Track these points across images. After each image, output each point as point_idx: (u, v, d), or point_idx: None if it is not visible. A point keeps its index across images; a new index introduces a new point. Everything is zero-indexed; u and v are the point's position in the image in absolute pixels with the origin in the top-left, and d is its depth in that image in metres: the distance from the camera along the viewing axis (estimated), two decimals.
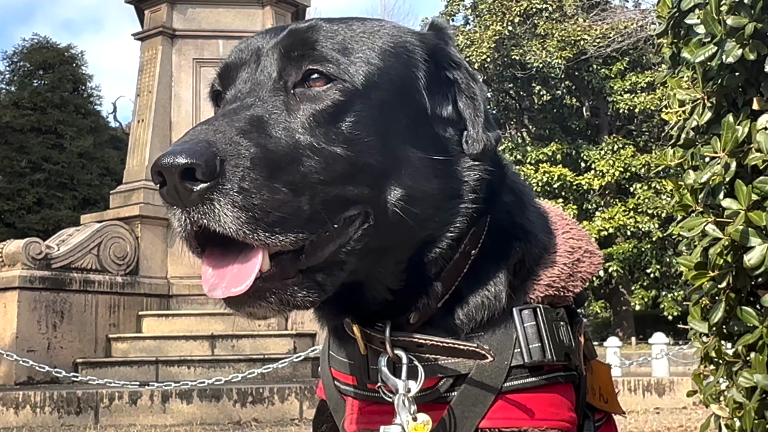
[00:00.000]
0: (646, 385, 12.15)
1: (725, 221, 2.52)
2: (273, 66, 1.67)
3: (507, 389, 1.72)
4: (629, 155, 36.92)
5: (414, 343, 1.71)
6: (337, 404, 1.90)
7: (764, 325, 2.50)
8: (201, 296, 13.80)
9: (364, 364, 1.79)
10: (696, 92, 2.66)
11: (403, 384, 1.69)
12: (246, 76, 1.69)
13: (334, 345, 1.91)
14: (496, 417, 1.71)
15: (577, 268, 1.87)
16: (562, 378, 1.79)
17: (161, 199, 1.52)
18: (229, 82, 1.73)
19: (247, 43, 1.77)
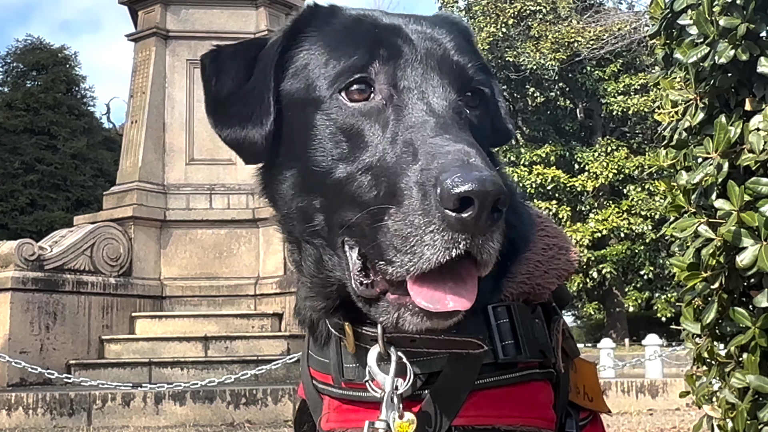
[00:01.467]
0: (639, 387, 12.16)
1: (718, 222, 2.52)
2: (443, 83, 1.68)
3: (480, 386, 1.71)
4: (623, 157, 36.98)
5: (406, 338, 1.70)
6: (315, 403, 1.90)
7: (757, 325, 2.50)
8: (194, 297, 13.80)
9: (339, 362, 1.79)
10: (689, 93, 2.66)
11: (391, 381, 1.68)
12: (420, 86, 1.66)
13: (313, 344, 1.91)
14: (469, 414, 1.70)
15: (551, 265, 1.86)
16: (538, 375, 1.78)
17: (437, 222, 1.46)
18: (392, 81, 1.67)
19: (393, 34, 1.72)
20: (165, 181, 14.29)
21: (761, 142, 2.41)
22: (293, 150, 1.74)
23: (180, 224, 14.04)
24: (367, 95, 1.66)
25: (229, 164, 14.43)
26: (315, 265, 1.75)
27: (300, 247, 1.80)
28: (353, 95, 1.66)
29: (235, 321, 13.38)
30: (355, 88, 1.66)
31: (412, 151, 1.54)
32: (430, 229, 1.45)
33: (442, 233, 1.45)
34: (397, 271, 1.50)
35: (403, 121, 1.60)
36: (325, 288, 1.75)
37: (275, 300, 13.64)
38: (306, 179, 1.70)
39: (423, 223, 1.46)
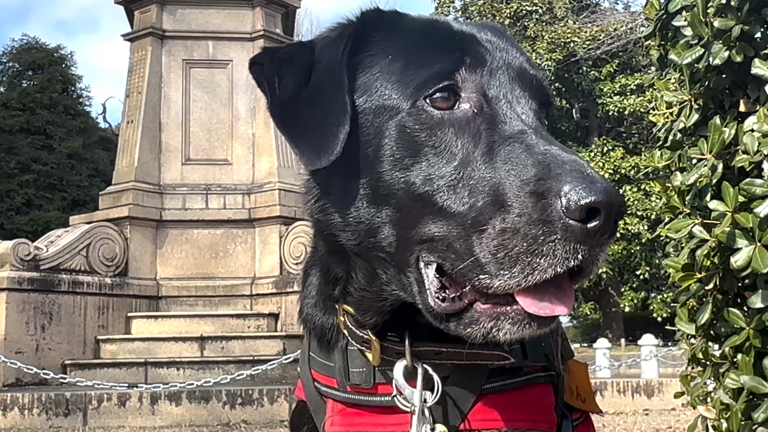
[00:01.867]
0: (635, 387, 12.17)
1: (712, 223, 2.53)
2: (530, 103, 1.65)
3: (486, 391, 1.72)
4: (619, 157, 37.02)
5: (432, 351, 1.69)
6: (317, 405, 1.89)
7: (751, 326, 2.50)
8: (190, 297, 13.79)
9: (345, 366, 1.79)
10: (683, 94, 2.67)
11: (419, 394, 1.68)
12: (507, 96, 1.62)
13: (315, 347, 1.90)
14: (475, 419, 1.71)
15: None
16: (541, 379, 1.79)
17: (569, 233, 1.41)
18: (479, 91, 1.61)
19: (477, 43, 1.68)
20: (161, 181, 14.28)
21: (755, 144, 2.42)
22: (361, 159, 1.65)
23: (176, 224, 14.02)
24: (452, 104, 1.60)
25: (225, 164, 14.43)
26: (366, 279, 1.69)
27: (347, 259, 1.72)
28: (437, 103, 1.59)
29: (231, 321, 13.37)
30: (439, 96, 1.59)
31: (519, 161, 1.48)
32: (551, 239, 1.41)
33: (564, 243, 1.41)
34: (505, 283, 1.45)
35: (498, 130, 1.55)
36: (377, 303, 1.70)
37: (271, 300, 13.63)
38: (377, 190, 1.61)
39: (542, 232, 1.41)
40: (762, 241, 2.36)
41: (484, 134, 1.56)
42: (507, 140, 1.53)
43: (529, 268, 1.43)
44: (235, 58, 14.78)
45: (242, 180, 14.42)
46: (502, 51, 1.69)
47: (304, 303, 1.93)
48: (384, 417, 1.75)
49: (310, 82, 1.69)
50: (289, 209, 13.82)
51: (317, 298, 1.88)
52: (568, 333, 49.12)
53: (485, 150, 1.53)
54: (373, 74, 1.68)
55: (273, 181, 14.14)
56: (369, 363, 1.75)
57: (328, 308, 1.84)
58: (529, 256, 1.42)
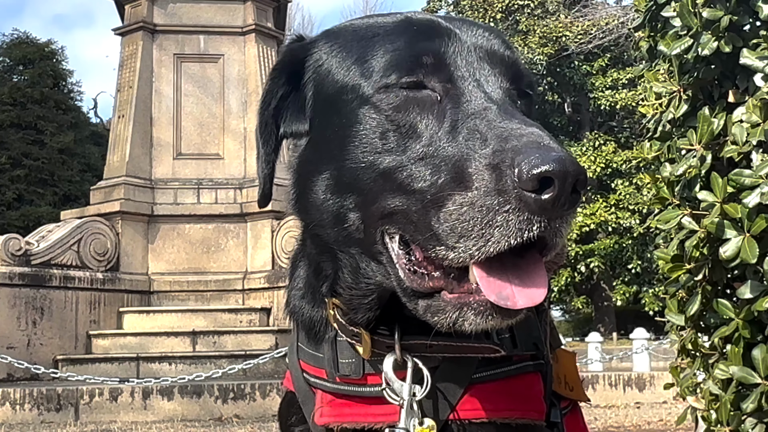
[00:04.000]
0: (626, 380, 12.21)
1: (701, 213, 2.53)
2: (501, 81, 1.65)
3: (476, 380, 1.71)
4: (610, 151, 37.08)
5: (423, 344, 1.69)
6: (305, 396, 1.89)
7: (740, 317, 2.51)
8: (182, 292, 13.77)
9: (334, 357, 1.78)
10: (672, 85, 2.67)
11: (408, 388, 1.68)
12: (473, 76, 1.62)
13: (303, 338, 1.89)
14: (466, 408, 1.70)
15: None
16: (530, 367, 1.78)
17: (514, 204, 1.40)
18: (444, 73, 1.61)
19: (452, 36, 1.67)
20: (152, 176, 14.24)
21: (744, 134, 2.42)
22: (327, 153, 1.69)
23: (168, 219, 14.00)
24: (416, 85, 1.61)
25: (216, 159, 14.41)
26: (352, 276, 1.69)
27: (334, 258, 1.73)
28: (402, 87, 1.60)
29: (223, 316, 13.36)
30: (406, 80, 1.60)
31: (479, 136, 1.48)
32: (505, 209, 1.40)
33: (518, 214, 1.40)
34: (459, 256, 1.44)
35: (462, 108, 1.55)
36: (365, 299, 1.70)
37: (263, 295, 13.62)
38: (340, 179, 1.65)
39: (496, 203, 1.40)
40: (751, 231, 2.36)
41: (449, 113, 1.56)
42: (469, 117, 1.53)
43: (483, 240, 1.42)
44: (226, 53, 14.74)
45: (234, 174, 14.39)
46: (469, 32, 1.69)
47: (291, 295, 1.93)
48: (373, 407, 1.74)
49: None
50: (281, 204, 13.73)
51: (305, 290, 1.88)
52: (561, 327, 49.02)
53: (449, 129, 1.54)
54: (326, 74, 1.74)
55: None
56: (358, 354, 1.75)
57: (316, 301, 1.83)
58: (483, 228, 1.42)
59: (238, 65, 14.73)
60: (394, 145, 1.58)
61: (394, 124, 1.60)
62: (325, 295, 1.78)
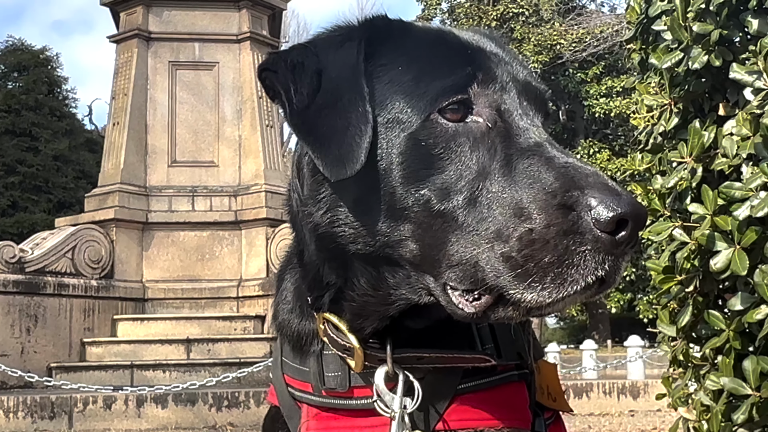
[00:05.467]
0: (620, 388, 12.22)
1: (692, 225, 2.55)
2: (540, 114, 1.65)
3: (462, 390, 1.72)
4: (605, 159, 37.17)
5: (414, 357, 1.70)
6: (290, 410, 1.89)
7: (731, 328, 2.52)
8: (176, 300, 13.76)
9: (320, 371, 1.78)
10: (663, 98, 2.69)
11: (399, 401, 1.68)
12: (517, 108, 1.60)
13: (288, 352, 1.89)
14: (451, 419, 1.72)
15: None
16: (515, 377, 1.80)
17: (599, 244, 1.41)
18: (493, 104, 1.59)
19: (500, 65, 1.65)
20: (147, 183, 14.24)
21: (734, 147, 2.44)
22: (374, 172, 1.58)
23: (162, 226, 13.99)
24: (464, 116, 1.56)
25: (211, 166, 14.41)
26: (371, 284, 1.64)
27: (346, 266, 1.67)
28: (448, 116, 1.55)
29: (218, 323, 13.35)
30: (452, 108, 1.56)
31: (539, 173, 1.47)
32: (582, 249, 1.41)
33: (594, 254, 1.41)
34: (537, 296, 1.43)
35: (514, 143, 1.53)
36: (381, 307, 1.66)
37: (258, 302, 13.62)
38: (392, 205, 1.56)
39: (573, 243, 1.41)
40: (741, 243, 2.38)
41: (500, 147, 1.53)
42: (525, 153, 1.51)
43: (560, 279, 1.42)
44: (221, 60, 14.76)
45: (228, 182, 14.40)
46: (508, 64, 1.67)
47: (279, 308, 1.92)
48: (360, 420, 1.75)
49: (321, 87, 1.62)
50: (275, 211, 13.81)
51: (293, 303, 1.87)
52: (556, 334, 49.03)
53: (503, 163, 1.51)
54: (384, 85, 1.62)
55: (259, 183, 14.13)
56: (344, 367, 1.75)
57: (305, 314, 1.83)
58: (560, 267, 1.42)
59: (233, 73, 14.75)
60: (444, 178, 1.53)
61: (443, 156, 1.54)
62: (319, 307, 1.75)
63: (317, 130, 1.61)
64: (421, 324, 1.70)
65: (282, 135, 39.18)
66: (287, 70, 1.65)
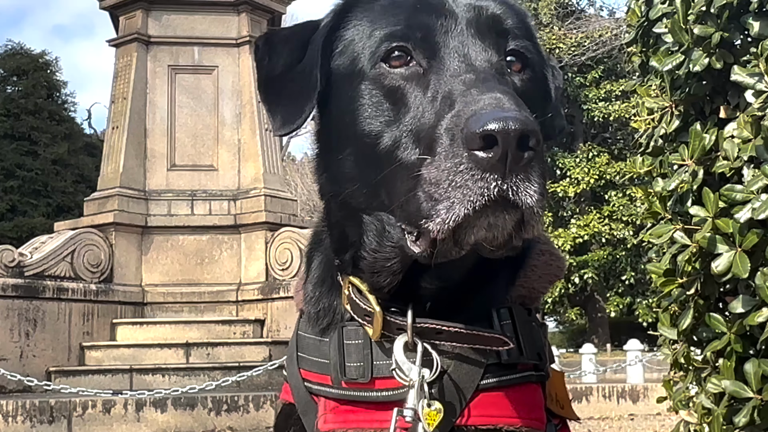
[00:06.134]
0: (620, 392, 12.20)
1: (693, 228, 2.55)
2: (483, 45, 1.70)
3: (484, 386, 1.73)
4: (604, 163, 37.15)
5: (433, 329, 1.72)
6: (306, 406, 1.88)
7: (732, 331, 2.52)
8: (176, 304, 13.74)
9: (341, 361, 1.79)
10: (664, 100, 2.69)
11: (418, 370, 1.70)
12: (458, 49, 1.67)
13: (306, 344, 1.90)
14: (473, 414, 1.72)
15: (545, 270, 1.89)
16: (533, 378, 1.81)
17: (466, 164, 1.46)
18: (430, 48, 1.69)
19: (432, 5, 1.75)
20: (146, 187, 14.22)
21: (735, 150, 2.44)
22: (347, 127, 1.74)
23: (161, 230, 13.97)
24: (406, 61, 1.69)
25: (210, 170, 14.40)
26: (377, 240, 1.73)
27: (360, 224, 1.76)
28: (393, 62, 1.69)
29: (217, 327, 13.32)
30: (396, 55, 1.69)
31: (449, 103, 1.55)
32: (460, 170, 1.46)
33: (472, 173, 1.45)
34: (436, 225, 1.49)
35: (442, 80, 1.62)
36: (389, 261, 1.73)
37: (257, 306, 13.60)
38: (362, 153, 1.71)
39: (453, 165, 1.47)
40: (742, 246, 2.38)
41: (431, 85, 1.63)
42: (446, 86, 1.60)
43: (450, 203, 1.48)
44: (220, 64, 14.75)
45: (228, 186, 14.39)
46: (472, 10, 1.75)
47: (307, 283, 1.96)
48: (379, 413, 1.75)
49: (303, 58, 1.82)
50: (275, 215, 13.79)
51: (322, 275, 1.91)
52: (555, 338, 48.98)
53: (430, 99, 1.62)
54: (349, 44, 1.79)
55: (259, 187, 14.12)
56: (366, 356, 1.76)
57: (332, 286, 1.87)
58: (448, 192, 1.48)
59: (232, 77, 14.74)
60: (392, 120, 1.67)
61: (388, 99, 1.69)
62: (345, 268, 1.81)
63: (278, 96, 1.85)
64: (432, 284, 1.73)
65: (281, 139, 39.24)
66: (267, 44, 1.89)
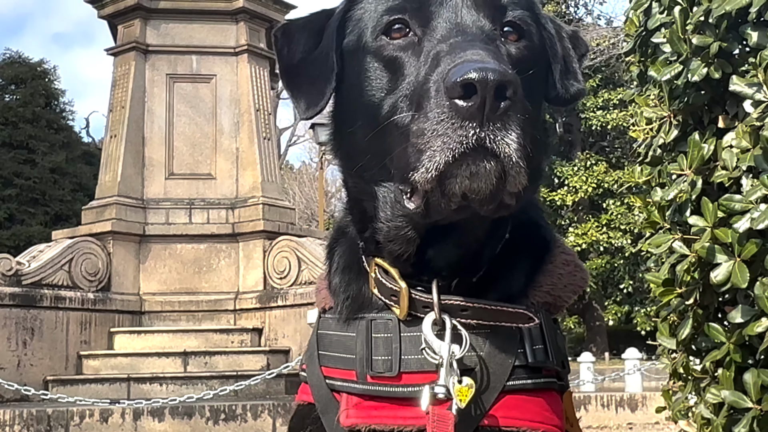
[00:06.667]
0: (618, 401, 12.18)
1: (692, 238, 2.55)
2: (477, 15, 1.76)
3: (509, 388, 1.74)
4: (602, 171, 37.19)
5: (458, 306, 1.74)
6: (327, 404, 1.88)
7: (731, 341, 2.52)
8: (173, 312, 13.72)
9: (368, 355, 1.79)
10: (663, 110, 2.69)
11: (447, 347, 1.71)
12: (450, 18, 1.74)
13: (329, 342, 1.91)
14: (497, 415, 1.73)
15: (570, 280, 1.92)
16: (556, 386, 1.83)
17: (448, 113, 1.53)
18: (425, 18, 1.77)
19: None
20: (144, 196, 14.22)
21: (734, 159, 2.44)
22: (354, 101, 1.82)
23: (159, 239, 13.96)
24: (405, 33, 1.78)
25: (208, 179, 14.39)
26: (391, 210, 1.77)
27: (374, 197, 1.81)
28: (393, 35, 1.78)
29: (215, 336, 13.31)
30: (396, 27, 1.78)
31: (436, 63, 1.62)
32: (442, 119, 1.53)
33: (452, 122, 1.52)
34: (421, 175, 1.56)
35: (433, 45, 1.70)
36: (402, 230, 1.77)
37: (255, 315, 13.58)
38: (369, 124, 1.76)
39: (436, 116, 1.54)
40: (741, 256, 2.37)
41: (424, 51, 1.71)
42: (437, 50, 1.67)
43: (431, 151, 1.54)
44: (219, 73, 14.76)
45: (226, 194, 14.38)
46: None
47: (332, 274, 1.98)
48: (404, 410, 1.75)
49: (320, 44, 1.92)
50: (273, 224, 13.79)
51: (349, 261, 1.95)
52: None
53: (423, 64, 1.69)
54: (357, 23, 1.88)
55: (257, 195, 14.12)
56: (395, 350, 1.77)
57: (360, 271, 1.90)
58: (430, 142, 1.55)
59: (230, 85, 14.75)
60: (391, 87, 1.75)
61: (387, 68, 1.78)
62: (368, 251, 1.86)
63: (299, 81, 1.94)
64: (451, 248, 1.77)
65: (279, 147, 39.21)
66: (284, 36, 1.98)
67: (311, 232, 15.53)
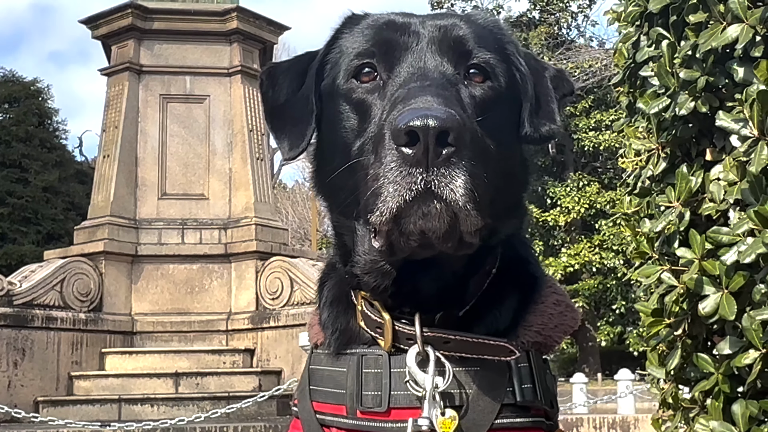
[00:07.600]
0: (611, 423, 12.18)
1: (680, 269, 2.57)
2: (441, 60, 1.81)
3: (497, 426, 1.76)
4: (594, 192, 37.27)
5: (441, 339, 1.76)
6: None
7: (720, 371, 2.54)
8: (165, 333, 13.68)
9: (357, 391, 1.81)
10: (651, 142, 2.71)
11: (431, 379, 1.73)
12: (414, 63, 1.80)
13: (320, 377, 1.92)
14: None
15: (561, 320, 1.93)
16: (544, 425, 1.83)
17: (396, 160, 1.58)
18: (391, 63, 1.82)
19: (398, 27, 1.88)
20: (137, 216, 14.21)
21: (722, 192, 2.46)
22: (331, 142, 1.89)
23: (151, 259, 13.95)
24: (374, 77, 1.84)
25: (201, 199, 14.40)
26: (368, 245, 1.79)
27: (353, 232, 1.85)
28: (363, 78, 1.84)
29: (207, 357, 13.27)
30: (366, 71, 1.84)
31: (392, 109, 1.67)
32: (391, 166, 1.59)
33: (400, 169, 1.57)
34: (375, 219, 1.62)
35: (395, 92, 1.74)
36: (377, 264, 1.79)
37: (247, 336, 13.56)
38: (343, 164, 1.80)
39: (386, 163, 1.60)
40: (729, 288, 2.39)
41: (387, 95, 1.77)
42: (397, 98, 1.71)
43: (384, 197, 1.60)
44: (212, 93, 14.79)
45: (219, 215, 14.38)
46: (436, 30, 1.86)
47: (322, 307, 2.01)
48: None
49: (302, 86, 1.98)
50: (265, 244, 13.79)
51: (338, 295, 1.97)
52: None
53: (384, 110, 1.74)
54: (333, 66, 1.95)
55: (250, 216, 14.13)
56: (385, 386, 1.79)
57: (349, 305, 1.93)
58: (382, 187, 1.60)
59: (223, 106, 14.78)
60: (360, 129, 1.80)
61: (356, 111, 1.83)
62: (354, 284, 1.88)
63: (281, 122, 2.00)
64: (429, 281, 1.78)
65: (272, 168, 39.22)
66: (269, 78, 2.05)
67: (304, 253, 15.53)
